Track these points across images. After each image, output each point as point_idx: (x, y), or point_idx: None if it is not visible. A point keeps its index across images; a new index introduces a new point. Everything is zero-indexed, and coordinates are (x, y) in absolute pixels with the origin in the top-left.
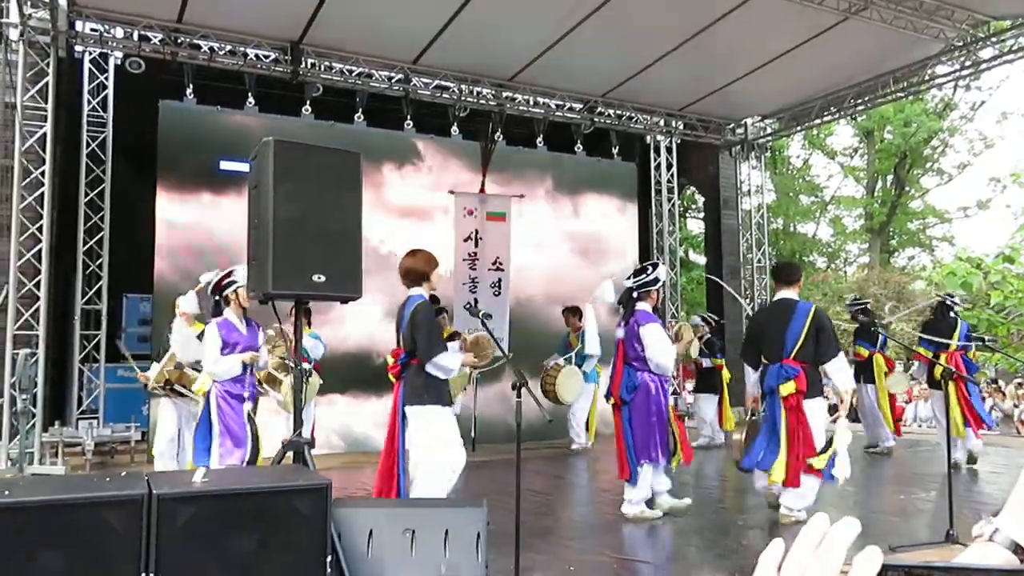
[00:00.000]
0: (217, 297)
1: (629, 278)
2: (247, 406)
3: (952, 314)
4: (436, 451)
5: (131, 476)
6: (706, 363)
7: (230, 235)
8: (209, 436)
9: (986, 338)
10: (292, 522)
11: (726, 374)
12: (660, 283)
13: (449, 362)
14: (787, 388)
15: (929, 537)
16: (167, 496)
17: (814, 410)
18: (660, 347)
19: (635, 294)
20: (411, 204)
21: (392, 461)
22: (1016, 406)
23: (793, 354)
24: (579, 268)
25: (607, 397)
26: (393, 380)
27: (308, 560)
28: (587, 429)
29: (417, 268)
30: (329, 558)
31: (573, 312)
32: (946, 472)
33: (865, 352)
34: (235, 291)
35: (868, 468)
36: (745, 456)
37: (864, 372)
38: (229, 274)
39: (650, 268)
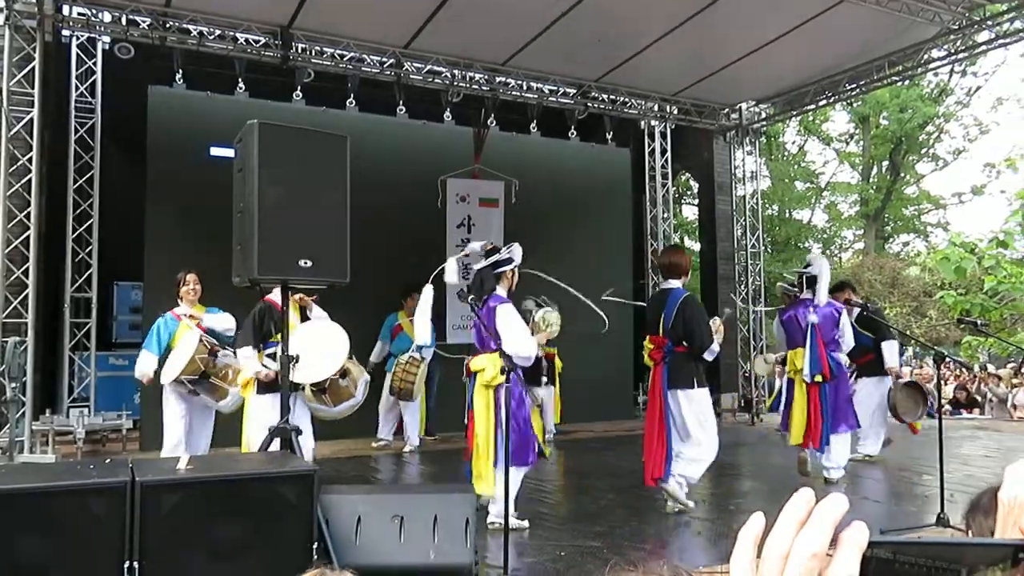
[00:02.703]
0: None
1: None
2: None
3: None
4: (707, 427)
5: (115, 463)
6: None
7: (221, 221)
8: None
9: (978, 322)
10: (278, 509)
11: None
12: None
13: (716, 348)
14: None
15: (920, 521)
16: (151, 483)
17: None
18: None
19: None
20: (403, 190)
21: (661, 440)
22: (1010, 391)
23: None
24: (574, 255)
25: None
26: (651, 364)
27: (295, 547)
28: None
29: (683, 264)
30: (316, 545)
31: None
32: (938, 455)
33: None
34: (512, 270)
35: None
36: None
37: None
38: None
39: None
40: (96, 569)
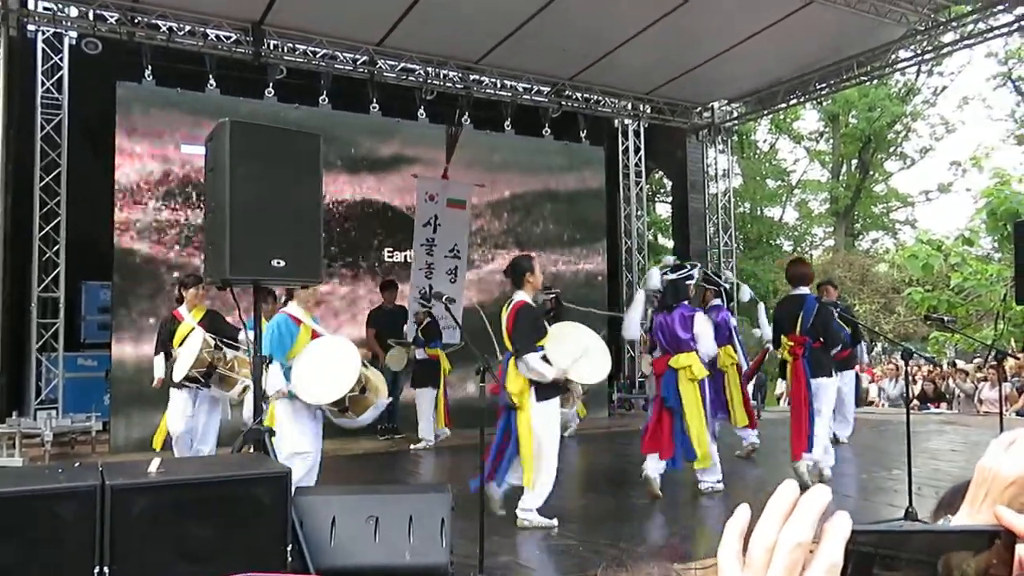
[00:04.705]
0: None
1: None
2: None
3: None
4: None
5: (85, 467)
6: None
7: (192, 220)
8: None
9: (945, 318)
10: (251, 511)
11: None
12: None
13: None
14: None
15: (889, 515)
16: (120, 487)
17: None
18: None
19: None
20: (373, 188)
21: (807, 422)
22: (976, 386)
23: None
24: (547, 252)
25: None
26: (790, 359)
27: (268, 550)
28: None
29: (809, 273)
30: (290, 547)
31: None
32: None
33: None
34: (693, 284)
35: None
36: None
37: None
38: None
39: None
40: (65, 574)
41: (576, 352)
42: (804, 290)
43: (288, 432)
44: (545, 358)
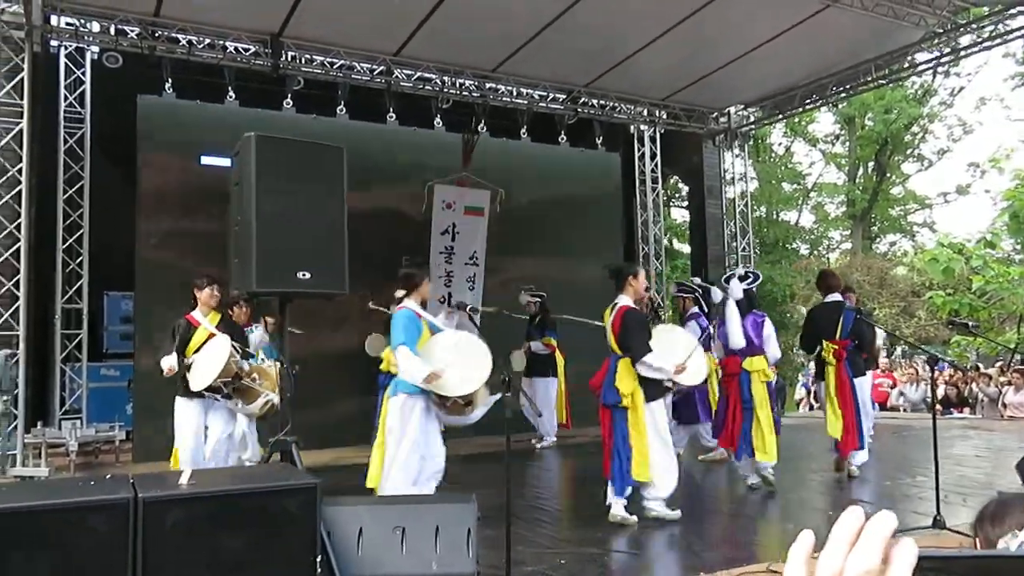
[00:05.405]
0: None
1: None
2: None
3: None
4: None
5: (116, 479)
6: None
7: (212, 231)
8: None
9: (969, 323)
10: (281, 523)
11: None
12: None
13: None
14: None
15: (915, 523)
16: (153, 499)
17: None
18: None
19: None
20: (390, 197)
21: (853, 419)
22: (1000, 390)
23: None
24: (564, 259)
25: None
26: (833, 362)
27: (298, 560)
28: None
29: (838, 281)
30: (319, 558)
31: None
32: (932, 457)
33: (554, 342)
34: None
35: None
36: None
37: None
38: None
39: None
40: None
41: (683, 354)
42: (837, 297)
43: (411, 432)
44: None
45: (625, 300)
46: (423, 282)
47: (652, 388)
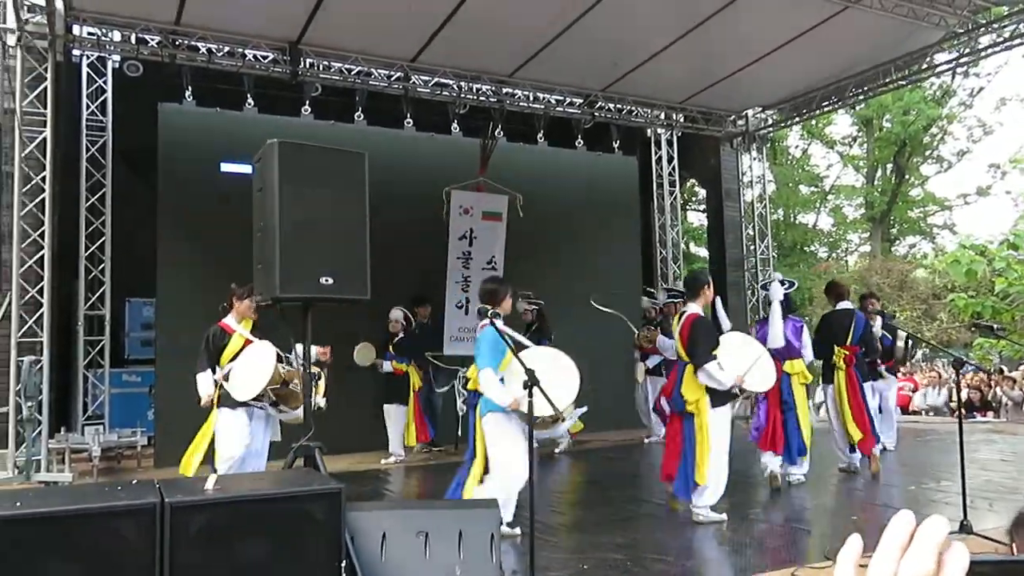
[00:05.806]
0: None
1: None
2: None
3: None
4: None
5: (142, 484)
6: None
7: (233, 237)
8: None
9: (994, 326)
10: (305, 528)
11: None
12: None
13: None
14: None
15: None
16: (180, 504)
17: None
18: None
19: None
20: (408, 202)
21: (867, 419)
22: None
23: None
24: (582, 263)
25: None
26: (843, 367)
27: (322, 565)
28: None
29: (846, 289)
30: (343, 563)
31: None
32: (958, 461)
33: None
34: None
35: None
36: None
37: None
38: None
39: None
40: None
41: (748, 362)
42: (848, 304)
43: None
44: (719, 367)
45: (695, 308)
46: (506, 297)
47: (718, 395)
